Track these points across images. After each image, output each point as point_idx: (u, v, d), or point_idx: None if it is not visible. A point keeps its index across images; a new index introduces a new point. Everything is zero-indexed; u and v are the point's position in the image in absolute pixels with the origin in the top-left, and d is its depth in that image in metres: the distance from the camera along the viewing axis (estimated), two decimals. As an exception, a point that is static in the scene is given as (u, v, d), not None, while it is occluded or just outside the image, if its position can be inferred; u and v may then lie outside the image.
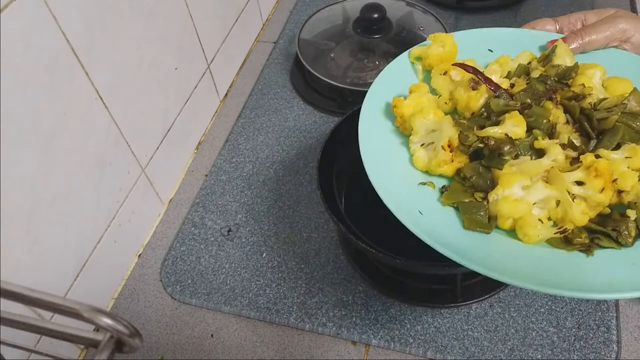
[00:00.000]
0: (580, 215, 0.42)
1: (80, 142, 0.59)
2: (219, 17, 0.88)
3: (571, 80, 0.51)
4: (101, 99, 0.61)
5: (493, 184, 0.44)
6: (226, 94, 0.95)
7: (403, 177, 0.48)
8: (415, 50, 0.57)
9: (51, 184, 0.56)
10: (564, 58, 0.53)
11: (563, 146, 0.45)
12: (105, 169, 0.64)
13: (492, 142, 0.44)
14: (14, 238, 0.52)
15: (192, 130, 0.86)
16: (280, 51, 1.01)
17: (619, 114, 0.45)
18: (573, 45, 0.55)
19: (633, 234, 0.41)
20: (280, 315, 0.66)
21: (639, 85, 0.51)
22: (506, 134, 0.45)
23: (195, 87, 0.83)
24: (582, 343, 0.60)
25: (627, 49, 0.56)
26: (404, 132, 0.51)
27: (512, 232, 0.43)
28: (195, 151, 0.87)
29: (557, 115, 0.47)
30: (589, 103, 0.47)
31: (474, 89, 0.50)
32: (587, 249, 0.41)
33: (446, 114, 0.51)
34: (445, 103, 0.52)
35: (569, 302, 0.64)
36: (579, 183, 0.42)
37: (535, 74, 0.52)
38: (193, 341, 0.65)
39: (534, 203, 0.42)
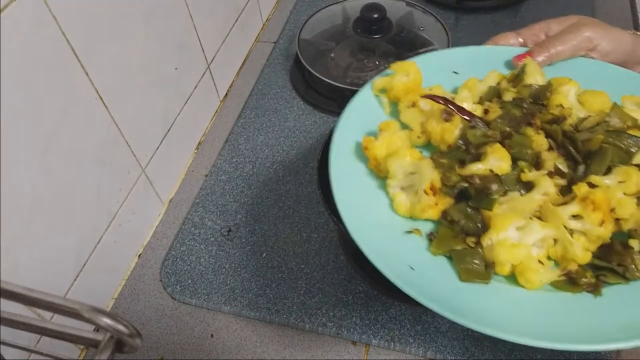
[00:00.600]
0: (582, 252, 0.39)
1: (80, 142, 0.59)
2: (219, 17, 0.88)
3: (547, 100, 0.48)
4: (101, 99, 0.61)
5: (484, 226, 0.41)
6: (226, 94, 0.95)
7: (386, 226, 0.44)
8: (378, 82, 0.53)
9: (51, 184, 0.56)
10: (535, 77, 0.50)
11: (550, 174, 0.42)
12: (105, 169, 0.64)
13: (478, 181, 0.42)
14: (14, 238, 0.52)
15: (192, 130, 0.86)
16: (280, 51, 1.01)
17: (603, 133, 0.43)
18: (539, 59, 0.54)
19: None
20: (280, 315, 0.66)
21: (613, 94, 0.49)
22: (491, 171, 0.42)
23: (195, 87, 0.83)
24: (582, 343, 0.60)
25: (594, 57, 0.55)
26: (380, 174, 0.47)
27: (512, 278, 0.40)
28: (195, 151, 0.87)
29: (540, 141, 0.44)
30: (569, 124, 0.45)
31: (446, 120, 0.46)
32: (594, 289, 0.39)
33: (420, 147, 0.49)
34: (418, 137, 0.49)
35: (569, 302, 0.64)
36: (576, 216, 0.39)
37: (507, 96, 0.49)
38: (193, 341, 0.65)
39: (532, 244, 0.40)
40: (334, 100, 0.88)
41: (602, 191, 0.39)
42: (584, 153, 0.43)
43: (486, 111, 0.48)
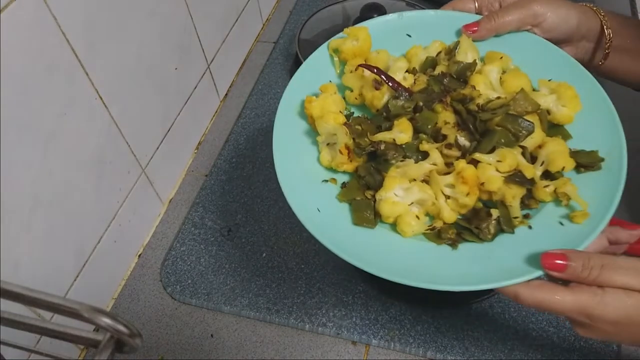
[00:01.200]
0: (449, 213, 0.47)
1: (80, 142, 0.59)
2: (219, 17, 0.88)
3: (467, 78, 0.53)
4: (101, 99, 0.61)
5: (382, 184, 0.48)
6: (226, 94, 0.95)
7: (310, 174, 0.51)
8: (333, 42, 0.58)
9: (51, 183, 0.56)
10: (466, 53, 0.54)
11: (449, 146, 0.49)
12: (105, 169, 0.64)
13: (383, 147, 0.49)
14: (14, 238, 0.52)
15: (192, 130, 0.86)
16: (280, 51, 1.01)
17: (502, 115, 0.48)
18: (484, 30, 0.56)
19: (492, 231, 0.46)
20: (280, 315, 0.66)
21: (542, 71, 0.53)
22: (393, 140, 0.49)
23: (195, 87, 0.83)
24: (582, 343, 0.60)
25: (536, 33, 0.56)
26: (315, 130, 0.53)
27: (394, 227, 0.48)
28: (195, 151, 0.87)
29: (446, 117, 0.50)
30: (476, 104, 0.50)
31: (377, 89, 0.53)
32: (452, 243, 0.46)
33: (357, 107, 0.56)
34: (355, 98, 0.55)
35: (569, 302, 0.64)
36: (451, 185, 0.47)
37: (439, 69, 0.55)
38: (193, 341, 0.65)
39: (411, 203, 0.47)
40: (334, 100, 0.88)
41: (472, 168, 0.46)
42: (482, 131, 0.49)
43: (415, 82, 0.54)
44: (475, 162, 0.47)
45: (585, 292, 0.40)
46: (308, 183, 0.50)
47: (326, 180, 0.51)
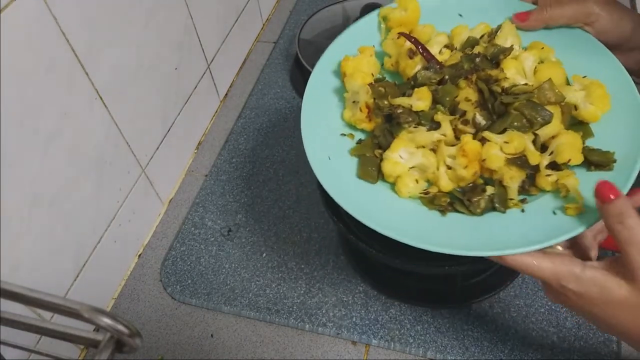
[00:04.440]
0: (445, 182, 0.49)
1: (80, 142, 0.59)
2: (219, 17, 0.88)
3: (499, 61, 0.53)
4: (101, 99, 0.61)
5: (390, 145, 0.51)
6: (226, 94, 0.95)
7: (331, 126, 0.55)
8: (384, 10, 0.60)
9: (51, 184, 0.56)
10: (506, 38, 0.55)
11: (465, 122, 0.51)
12: (105, 169, 0.64)
13: (399, 111, 0.52)
14: (14, 238, 0.52)
15: (192, 130, 0.86)
16: (280, 51, 1.01)
17: (523, 101, 0.49)
18: (535, 19, 0.56)
19: (482, 206, 0.47)
20: (280, 315, 0.66)
21: (583, 69, 0.53)
22: (410, 106, 0.51)
23: (195, 87, 0.83)
24: (582, 343, 0.60)
25: (589, 31, 0.55)
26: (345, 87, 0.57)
27: (393, 187, 0.51)
28: (195, 151, 0.87)
29: (468, 93, 0.51)
30: (501, 87, 0.51)
31: (410, 57, 0.55)
32: (442, 210, 0.48)
33: (391, 72, 0.58)
34: (392, 65, 0.58)
35: (569, 302, 0.64)
36: (453, 157, 0.49)
37: (477, 49, 0.55)
38: (193, 341, 0.65)
39: (412, 167, 0.50)
40: (334, 100, 0.88)
41: (475, 143, 0.48)
42: (499, 113, 0.50)
43: (450, 58, 0.56)
44: (484, 141, 0.49)
45: (567, 264, 0.43)
46: (327, 133, 0.54)
47: (344, 134, 0.54)
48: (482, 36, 0.57)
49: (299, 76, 0.94)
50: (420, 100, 0.51)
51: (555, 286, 0.43)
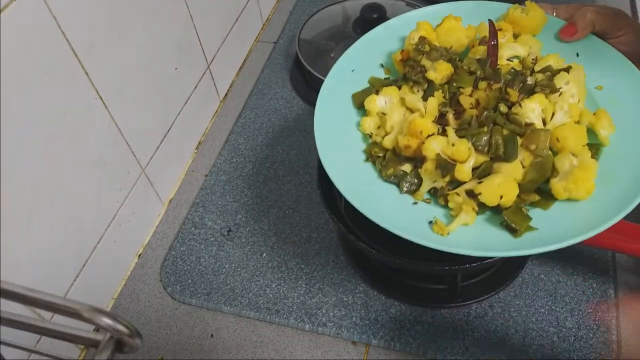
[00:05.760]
0: (387, 138, 0.54)
1: (80, 142, 0.59)
2: (219, 17, 0.88)
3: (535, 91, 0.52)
4: (101, 99, 0.61)
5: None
6: (226, 94, 0.95)
7: (345, 111, 0.59)
8: (511, 8, 0.60)
9: (51, 184, 0.56)
10: (548, 61, 0.56)
11: (458, 115, 0.52)
12: (105, 169, 0.64)
13: (418, 69, 0.56)
14: (14, 238, 0.52)
15: (192, 130, 0.86)
16: (280, 51, 1.01)
17: (508, 130, 0.50)
18: (581, 28, 0.57)
19: (388, 172, 0.53)
20: (280, 315, 0.66)
21: (606, 82, 0.55)
22: (425, 69, 0.56)
23: (195, 87, 0.83)
24: (582, 343, 0.60)
25: (613, 45, 0.57)
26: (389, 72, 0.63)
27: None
28: (195, 151, 0.87)
29: (479, 96, 0.53)
30: (506, 111, 0.51)
31: (479, 44, 0.58)
32: (369, 160, 0.55)
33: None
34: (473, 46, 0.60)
35: (569, 302, 0.64)
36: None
37: (537, 67, 0.56)
38: (193, 341, 0.65)
39: (382, 112, 0.56)
40: (334, 100, 0.88)
41: (422, 125, 0.51)
42: (484, 124, 0.51)
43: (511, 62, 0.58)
44: (445, 133, 0.51)
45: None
46: (338, 113, 0.58)
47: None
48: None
49: (299, 76, 0.94)
50: (436, 71, 0.54)
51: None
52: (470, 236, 0.48)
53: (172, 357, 0.64)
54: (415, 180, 0.52)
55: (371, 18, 0.90)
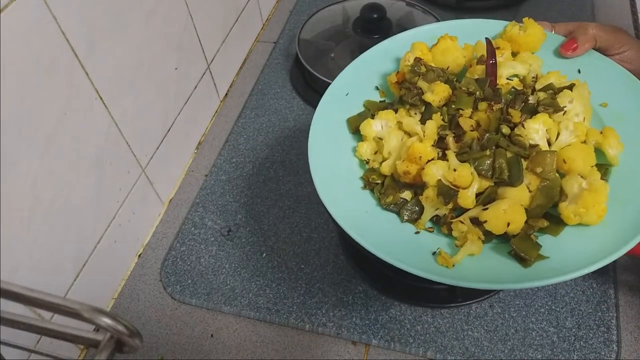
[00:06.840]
0: (385, 164, 0.53)
1: (80, 142, 0.59)
2: (219, 17, 0.88)
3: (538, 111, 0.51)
4: (101, 99, 0.61)
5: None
6: (226, 94, 0.95)
7: (338, 132, 0.58)
8: (508, 25, 0.61)
9: (51, 184, 0.56)
10: (550, 79, 0.55)
11: (438, 142, 0.51)
12: (105, 169, 0.64)
13: (413, 92, 0.54)
14: (14, 238, 0.52)
15: (192, 130, 0.86)
16: (280, 51, 1.01)
17: (512, 153, 0.49)
18: (582, 43, 0.57)
19: (387, 200, 0.51)
20: (280, 315, 0.66)
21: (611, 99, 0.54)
22: (422, 91, 0.54)
23: (195, 87, 0.83)
24: (582, 343, 0.60)
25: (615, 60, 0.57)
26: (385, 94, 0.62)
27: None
28: (195, 151, 0.87)
29: (480, 118, 0.51)
30: (508, 133, 0.50)
31: (477, 63, 0.57)
32: (366, 187, 0.54)
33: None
34: (464, 56, 0.59)
35: (569, 302, 0.64)
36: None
37: (538, 85, 0.55)
38: (193, 341, 0.65)
39: (379, 137, 0.55)
40: (334, 100, 0.88)
41: (421, 150, 0.49)
42: (487, 147, 0.50)
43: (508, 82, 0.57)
44: (445, 157, 0.50)
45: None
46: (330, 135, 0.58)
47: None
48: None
49: (299, 76, 0.94)
50: (434, 93, 0.52)
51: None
52: (477, 267, 0.46)
53: (172, 357, 0.64)
54: (416, 208, 0.50)
55: (371, 18, 0.90)
